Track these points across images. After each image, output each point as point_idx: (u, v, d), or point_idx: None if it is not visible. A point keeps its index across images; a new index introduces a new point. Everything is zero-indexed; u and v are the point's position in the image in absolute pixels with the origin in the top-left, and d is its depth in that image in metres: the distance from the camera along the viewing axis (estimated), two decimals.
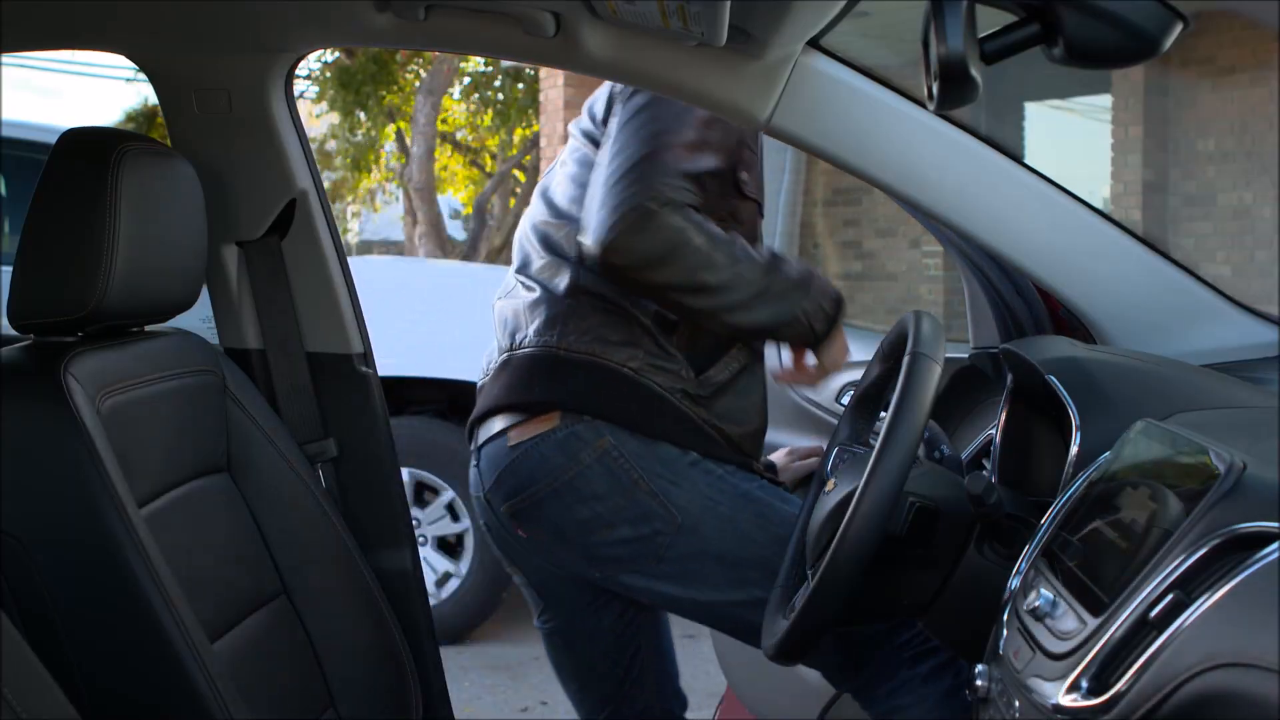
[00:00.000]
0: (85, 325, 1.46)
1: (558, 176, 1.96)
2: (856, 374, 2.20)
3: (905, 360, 1.39)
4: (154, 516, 1.44)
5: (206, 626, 1.41)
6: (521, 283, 1.92)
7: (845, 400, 2.22)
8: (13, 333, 1.50)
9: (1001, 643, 1.19)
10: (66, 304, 1.42)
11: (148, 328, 1.61)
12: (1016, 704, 1.11)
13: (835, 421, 2.19)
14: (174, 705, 1.31)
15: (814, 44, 1.65)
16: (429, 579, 3.65)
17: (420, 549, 2.92)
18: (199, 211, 1.62)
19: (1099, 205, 1.76)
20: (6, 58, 2.66)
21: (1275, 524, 0.91)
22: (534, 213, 1.96)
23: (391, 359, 2.13)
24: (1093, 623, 1.03)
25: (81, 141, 1.48)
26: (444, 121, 13.40)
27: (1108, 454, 1.24)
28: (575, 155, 1.92)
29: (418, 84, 12.50)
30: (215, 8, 1.70)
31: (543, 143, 10.21)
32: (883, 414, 1.61)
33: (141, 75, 3.25)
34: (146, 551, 1.33)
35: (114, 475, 1.34)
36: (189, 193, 1.59)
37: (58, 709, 1.01)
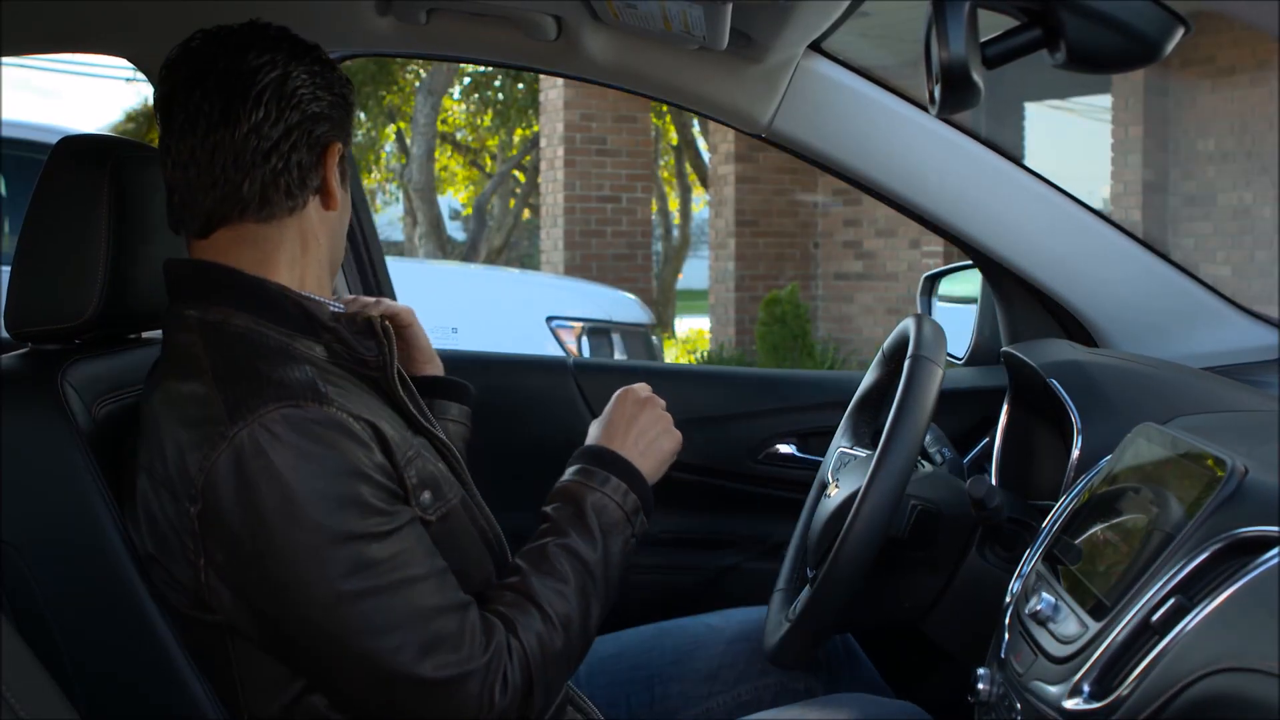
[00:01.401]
0: (81, 333, 1.45)
1: None
2: None
3: (906, 363, 1.39)
4: None
5: None
6: None
7: None
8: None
9: (1003, 646, 1.19)
10: (62, 312, 1.42)
11: (145, 335, 1.61)
12: (1018, 707, 1.11)
13: None
14: (170, 705, 1.31)
15: (815, 47, 1.66)
16: None
17: None
18: None
19: (1099, 205, 1.76)
20: (6, 58, 2.65)
21: (1276, 529, 0.91)
22: None
23: None
24: (1094, 627, 1.03)
25: (77, 149, 1.47)
26: (444, 122, 13.40)
27: (1109, 457, 1.24)
28: None
29: (418, 84, 12.49)
30: (217, 10, 1.69)
31: (543, 143, 10.21)
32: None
33: (141, 75, 3.24)
34: (141, 558, 1.33)
35: (109, 482, 1.34)
36: None
37: (57, 709, 1.01)
